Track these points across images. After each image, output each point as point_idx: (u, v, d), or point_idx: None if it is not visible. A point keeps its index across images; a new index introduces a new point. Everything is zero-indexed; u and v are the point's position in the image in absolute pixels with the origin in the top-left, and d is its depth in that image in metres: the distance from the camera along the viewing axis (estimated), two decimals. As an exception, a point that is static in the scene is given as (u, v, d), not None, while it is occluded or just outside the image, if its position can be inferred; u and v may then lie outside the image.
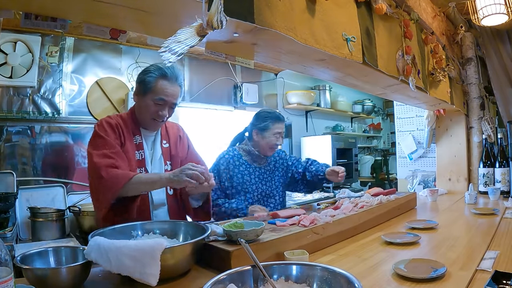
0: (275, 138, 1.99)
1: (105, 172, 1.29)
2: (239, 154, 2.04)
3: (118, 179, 1.28)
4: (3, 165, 2.41)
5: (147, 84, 1.44)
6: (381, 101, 6.54)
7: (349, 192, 2.07)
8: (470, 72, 2.94)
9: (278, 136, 2.00)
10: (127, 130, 1.47)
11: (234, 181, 1.95)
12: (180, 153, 1.62)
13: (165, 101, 1.45)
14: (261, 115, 2.04)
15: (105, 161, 1.32)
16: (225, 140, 3.91)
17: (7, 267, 0.63)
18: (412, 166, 3.28)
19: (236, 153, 2.04)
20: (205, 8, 0.89)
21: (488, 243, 1.30)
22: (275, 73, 4.39)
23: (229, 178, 1.96)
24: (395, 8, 1.80)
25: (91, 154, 1.36)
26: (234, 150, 2.06)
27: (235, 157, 2.01)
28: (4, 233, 2.00)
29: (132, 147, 1.46)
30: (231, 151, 2.04)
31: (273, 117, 2.02)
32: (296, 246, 1.17)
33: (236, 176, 1.96)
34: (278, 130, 1.99)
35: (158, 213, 1.49)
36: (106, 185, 1.28)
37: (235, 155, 2.02)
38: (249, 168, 2.02)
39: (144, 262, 0.86)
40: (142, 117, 1.49)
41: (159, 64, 1.46)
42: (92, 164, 1.33)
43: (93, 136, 1.42)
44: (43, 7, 1.10)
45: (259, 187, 2.02)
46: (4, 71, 2.25)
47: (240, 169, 1.99)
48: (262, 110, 2.10)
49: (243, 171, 1.99)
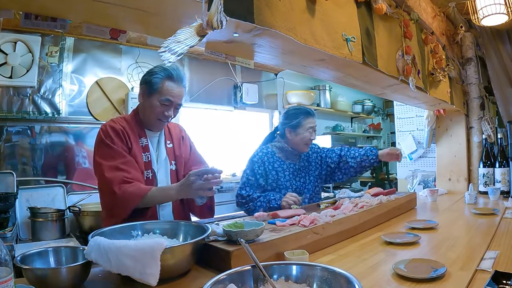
0: (308, 133, 2.00)
1: (118, 188, 1.31)
2: (273, 151, 2.06)
3: (132, 197, 1.31)
4: (3, 165, 2.41)
5: (153, 85, 1.45)
6: (381, 101, 6.54)
7: (349, 192, 2.07)
8: (470, 72, 2.94)
9: (311, 130, 2.02)
10: (133, 133, 1.48)
11: (269, 178, 1.98)
12: (183, 153, 1.64)
13: (171, 102, 1.47)
14: (290, 112, 2.06)
15: (117, 175, 1.33)
16: (225, 140, 3.94)
17: (7, 267, 0.63)
18: (412, 166, 3.28)
19: (269, 150, 2.06)
20: (205, 8, 0.90)
21: (488, 243, 1.30)
22: (275, 73, 4.39)
23: (263, 175, 1.98)
24: (395, 8, 1.80)
25: (101, 165, 1.36)
26: (267, 147, 2.08)
27: (269, 154, 2.03)
28: (4, 233, 2.00)
29: (139, 150, 1.47)
30: (265, 149, 2.06)
31: (303, 112, 2.04)
32: (296, 246, 1.17)
33: (270, 173, 1.99)
34: (310, 124, 2.01)
35: (163, 212, 1.52)
36: (120, 202, 1.31)
37: (269, 152, 2.04)
38: (283, 165, 2.03)
39: (144, 262, 0.85)
40: (147, 117, 1.50)
41: (164, 65, 1.45)
42: (104, 178, 1.34)
43: (99, 143, 1.41)
44: (43, 7, 1.10)
45: (293, 184, 2.04)
46: (4, 71, 2.25)
47: (274, 166, 2.01)
48: (290, 107, 2.13)
49: (277, 168, 2.01)
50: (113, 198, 1.32)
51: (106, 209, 1.42)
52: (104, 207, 1.43)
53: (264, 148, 2.08)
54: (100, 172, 1.36)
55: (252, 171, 1.98)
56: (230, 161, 3.93)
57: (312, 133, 2.02)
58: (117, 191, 1.30)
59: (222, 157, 3.86)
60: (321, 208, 1.68)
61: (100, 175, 1.37)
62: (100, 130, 1.44)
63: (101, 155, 1.39)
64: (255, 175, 1.97)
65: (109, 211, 1.39)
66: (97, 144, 1.42)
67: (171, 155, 1.58)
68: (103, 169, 1.35)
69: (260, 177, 1.97)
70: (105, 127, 1.44)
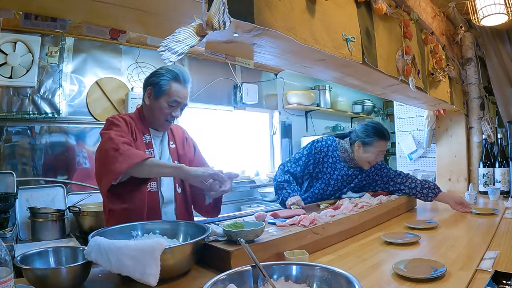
0: (375, 156, 1.96)
1: (123, 146, 1.31)
2: (337, 146, 2.05)
3: (136, 155, 1.31)
4: (3, 165, 2.40)
5: (161, 86, 1.47)
6: (381, 101, 6.53)
7: (349, 192, 2.07)
8: (470, 72, 2.94)
9: (380, 153, 1.96)
10: (137, 129, 1.50)
11: (318, 167, 2.00)
12: (187, 154, 1.66)
13: (179, 103, 1.50)
14: (368, 128, 1.99)
15: (123, 139, 1.35)
16: (224, 140, 3.94)
17: (7, 267, 0.63)
18: (412, 166, 3.28)
19: (333, 144, 2.05)
20: (205, 9, 0.90)
21: (488, 243, 1.30)
22: (275, 73, 4.39)
23: (315, 163, 2.00)
24: (395, 8, 1.80)
25: (106, 132, 1.36)
26: (333, 140, 2.07)
27: (331, 147, 2.04)
28: (4, 233, 2.00)
29: (143, 145, 1.48)
30: (330, 140, 2.06)
31: (379, 134, 1.96)
32: (296, 246, 1.17)
33: (322, 164, 2.01)
34: (380, 148, 1.95)
35: (166, 210, 1.52)
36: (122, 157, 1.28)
37: (333, 145, 2.05)
38: (337, 164, 2.03)
39: (144, 262, 0.86)
40: (156, 118, 1.52)
41: (169, 67, 1.49)
42: (109, 139, 1.33)
43: (107, 124, 1.43)
44: (43, 7, 1.10)
45: (336, 184, 2.03)
46: (4, 71, 2.25)
47: (329, 160, 2.02)
48: (371, 122, 2.07)
49: (331, 163, 2.02)
50: (114, 153, 1.30)
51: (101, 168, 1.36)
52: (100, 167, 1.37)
53: (330, 139, 2.07)
54: (106, 137, 1.35)
55: (307, 153, 2.01)
56: (230, 161, 3.93)
57: (379, 156, 1.97)
58: (120, 147, 1.30)
59: (222, 157, 3.86)
60: (321, 208, 1.68)
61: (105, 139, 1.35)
62: (109, 117, 1.46)
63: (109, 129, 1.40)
64: (308, 158, 1.99)
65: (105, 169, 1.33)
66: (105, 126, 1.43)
67: (174, 155, 1.60)
68: (110, 133, 1.35)
69: (312, 163, 2.00)
70: (113, 117, 1.47)
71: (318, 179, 2.04)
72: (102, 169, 1.35)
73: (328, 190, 2.05)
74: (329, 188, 2.05)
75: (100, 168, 1.37)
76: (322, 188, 2.04)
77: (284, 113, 4.47)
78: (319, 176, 2.03)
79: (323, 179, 2.03)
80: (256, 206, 3.67)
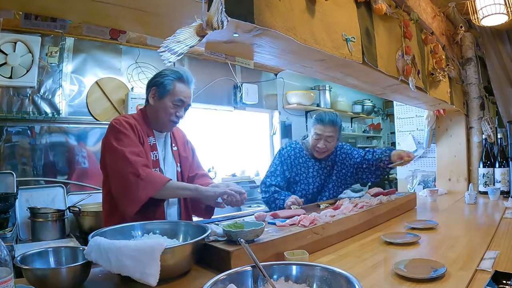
0: (314, 140, 2.01)
1: (142, 170, 1.32)
2: (301, 147, 2.12)
3: (157, 180, 1.33)
4: (3, 165, 2.41)
5: (166, 86, 1.49)
6: (381, 101, 6.54)
7: (349, 192, 2.07)
8: (470, 72, 2.94)
9: (318, 138, 1.99)
10: (142, 131, 1.50)
11: (293, 171, 2.05)
12: (189, 157, 1.69)
13: (183, 102, 1.53)
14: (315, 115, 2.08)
15: (139, 159, 1.35)
16: (225, 140, 3.93)
17: (7, 267, 0.63)
18: (412, 166, 3.28)
19: (298, 146, 2.13)
20: (205, 8, 0.90)
21: (488, 243, 1.30)
22: (275, 73, 4.39)
23: (289, 168, 2.05)
24: (395, 8, 1.80)
25: (121, 150, 1.35)
26: (297, 143, 2.15)
27: (297, 149, 2.11)
28: (4, 233, 2.00)
29: (148, 148, 1.49)
30: (294, 144, 2.14)
31: (316, 118, 2.03)
32: (296, 246, 1.17)
33: (295, 167, 2.06)
34: (317, 131, 1.99)
35: (170, 211, 1.55)
36: (145, 183, 1.31)
37: (297, 147, 2.11)
38: (308, 162, 2.09)
39: (144, 262, 0.86)
40: (160, 119, 1.52)
41: (172, 68, 1.53)
42: (126, 160, 1.33)
43: (113, 131, 1.41)
44: (43, 7, 1.10)
45: (315, 180, 2.07)
46: (4, 71, 2.25)
47: (300, 161, 2.08)
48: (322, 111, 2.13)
49: (302, 163, 2.07)
50: (136, 179, 1.30)
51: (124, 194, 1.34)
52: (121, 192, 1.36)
53: (294, 143, 2.15)
54: (120, 155, 1.34)
55: (278, 162, 2.07)
56: (230, 161, 3.93)
57: (318, 140, 1.99)
58: (141, 172, 1.31)
59: (222, 157, 3.86)
60: (321, 208, 1.68)
61: (120, 159, 1.34)
62: (114, 122, 1.44)
63: (120, 142, 1.38)
64: (281, 167, 2.05)
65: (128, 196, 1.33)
66: (112, 133, 1.41)
67: (176, 157, 1.62)
68: (125, 153, 1.34)
69: (286, 170, 2.05)
70: (119, 119, 1.45)
71: (297, 182, 2.07)
72: (124, 194, 1.35)
73: (310, 189, 2.07)
74: (310, 187, 2.07)
75: (122, 193, 1.36)
76: (304, 189, 2.06)
77: (284, 113, 4.48)
78: (297, 179, 2.06)
79: (301, 181, 2.06)
80: (256, 206, 3.68)
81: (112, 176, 1.40)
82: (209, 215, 1.67)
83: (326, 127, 1.98)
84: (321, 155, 2.06)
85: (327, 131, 1.97)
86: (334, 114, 2.06)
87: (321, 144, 1.99)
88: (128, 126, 1.43)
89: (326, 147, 2.00)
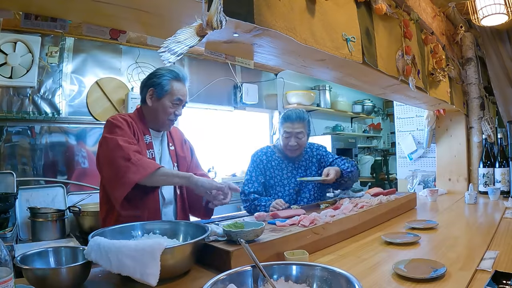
0: (284, 138, 2.00)
1: (134, 155, 1.31)
2: (273, 151, 2.11)
3: (148, 165, 1.32)
4: (3, 165, 2.40)
5: (163, 87, 1.50)
6: (381, 101, 6.53)
7: (349, 192, 2.07)
8: (470, 72, 2.94)
9: (288, 136, 1.98)
10: (138, 129, 1.51)
11: (267, 175, 2.04)
12: (186, 156, 1.69)
13: (181, 101, 1.54)
14: (282, 114, 2.07)
15: (132, 146, 1.36)
16: (225, 140, 3.93)
17: (7, 267, 0.63)
18: (412, 166, 3.28)
19: (269, 150, 2.12)
20: (204, 8, 0.90)
21: (488, 243, 1.30)
22: (275, 73, 4.39)
23: (263, 173, 2.04)
24: (395, 8, 1.80)
25: (113, 138, 1.35)
26: (268, 147, 2.14)
27: (268, 153, 2.09)
28: (4, 233, 2.00)
29: (144, 146, 1.49)
30: (265, 148, 2.13)
31: (283, 117, 2.04)
32: (296, 246, 1.17)
33: (269, 170, 2.05)
34: (286, 129, 1.98)
35: (166, 211, 1.55)
36: (135, 167, 1.29)
37: (268, 152, 2.10)
38: (281, 164, 2.07)
39: (144, 262, 0.86)
40: (158, 118, 1.53)
41: (168, 67, 1.51)
42: (118, 146, 1.33)
43: (109, 126, 1.42)
44: (43, 7, 1.10)
45: (291, 182, 2.05)
46: (4, 71, 2.25)
47: (272, 164, 2.06)
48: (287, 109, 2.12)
49: (275, 166, 2.06)
50: (126, 163, 1.29)
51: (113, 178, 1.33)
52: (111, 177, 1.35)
53: (265, 148, 2.14)
54: (113, 142, 1.33)
55: (252, 169, 2.06)
56: (230, 161, 3.93)
57: (289, 138, 1.98)
58: (132, 157, 1.30)
59: (222, 157, 3.86)
60: (321, 208, 1.68)
61: (113, 145, 1.33)
62: (110, 119, 1.45)
63: (112, 132, 1.38)
64: (255, 173, 2.03)
65: (116, 180, 1.31)
66: (107, 128, 1.42)
67: (173, 157, 1.62)
68: (117, 140, 1.33)
69: (259, 174, 2.03)
70: (115, 116, 1.47)
71: (272, 186, 2.03)
72: (114, 179, 1.34)
73: (286, 191, 2.03)
74: (286, 188, 2.03)
75: (112, 178, 1.35)
76: (280, 191, 2.03)
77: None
78: (272, 183, 2.04)
79: (276, 184, 2.04)
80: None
81: (103, 164, 1.39)
82: (208, 216, 1.67)
83: (294, 124, 1.98)
84: (294, 153, 2.04)
85: (296, 128, 1.97)
86: (301, 110, 2.07)
87: (292, 141, 1.98)
88: (123, 121, 1.44)
89: (297, 144, 1.99)
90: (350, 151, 4.67)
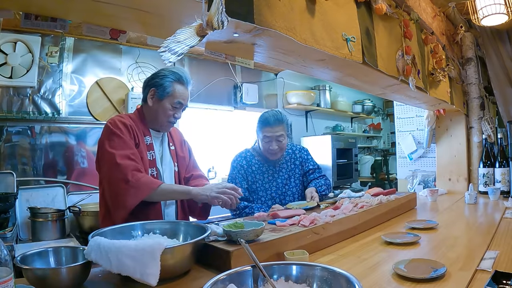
0: (265, 143, 1.95)
1: (131, 175, 1.31)
2: (252, 154, 2.07)
3: (145, 186, 1.32)
4: (3, 165, 2.41)
5: (165, 88, 1.49)
6: (381, 101, 6.54)
7: (349, 192, 2.07)
8: (470, 72, 2.94)
9: (269, 140, 1.92)
10: (139, 130, 1.50)
11: (249, 180, 2.00)
12: (186, 156, 1.69)
13: (182, 104, 1.54)
14: (259, 118, 2.01)
15: (130, 163, 1.34)
16: (225, 141, 3.93)
17: (7, 267, 0.63)
18: (412, 166, 3.28)
19: (248, 154, 2.07)
20: (205, 8, 0.90)
21: (488, 243, 1.30)
22: (275, 73, 4.39)
23: (244, 178, 2.00)
24: (395, 8, 1.80)
25: (111, 153, 1.35)
26: (247, 151, 2.09)
27: (248, 158, 2.05)
28: (4, 233, 2.00)
29: (144, 148, 1.49)
30: (244, 153, 2.08)
31: (261, 120, 1.96)
32: (296, 246, 1.17)
33: (250, 175, 2.01)
34: (267, 134, 1.91)
35: (168, 211, 1.56)
36: (133, 190, 1.31)
37: (248, 156, 2.06)
38: (262, 167, 2.04)
39: (144, 262, 0.86)
40: (159, 120, 1.53)
41: (171, 68, 1.52)
42: (116, 166, 1.33)
43: (107, 133, 1.41)
44: (43, 7, 1.10)
45: (273, 185, 2.02)
46: (4, 71, 2.25)
47: (252, 168, 2.03)
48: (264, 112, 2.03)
49: (255, 171, 2.02)
50: (125, 186, 1.31)
51: (113, 199, 1.36)
52: (111, 197, 1.37)
53: (244, 152, 2.09)
54: (111, 160, 1.34)
55: (232, 175, 2.02)
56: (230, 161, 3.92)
57: (269, 143, 1.92)
58: (130, 179, 1.31)
59: (222, 157, 3.85)
60: (321, 208, 1.68)
61: (111, 163, 1.35)
62: (109, 122, 1.44)
63: (112, 144, 1.38)
64: (238, 179, 1.99)
65: (117, 202, 1.34)
66: (106, 135, 1.41)
67: (174, 157, 1.62)
68: (115, 157, 1.34)
69: (242, 180, 1.99)
70: (114, 120, 1.45)
71: (254, 191, 2.00)
72: (114, 199, 1.36)
73: (269, 195, 2.01)
74: (268, 192, 2.01)
75: (112, 197, 1.37)
76: (263, 195, 2.00)
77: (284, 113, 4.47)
78: (254, 188, 2.01)
79: (259, 188, 2.01)
80: (256, 206, 3.66)
81: (104, 180, 1.42)
82: (205, 217, 1.67)
83: (274, 128, 1.91)
84: (276, 156, 1.99)
85: (276, 131, 1.91)
86: (277, 111, 1.99)
87: (273, 145, 1.92)
88: (122, 127, 1.43)
89: (279, 147, 1.94)
90: (350, 151, 4.67)
